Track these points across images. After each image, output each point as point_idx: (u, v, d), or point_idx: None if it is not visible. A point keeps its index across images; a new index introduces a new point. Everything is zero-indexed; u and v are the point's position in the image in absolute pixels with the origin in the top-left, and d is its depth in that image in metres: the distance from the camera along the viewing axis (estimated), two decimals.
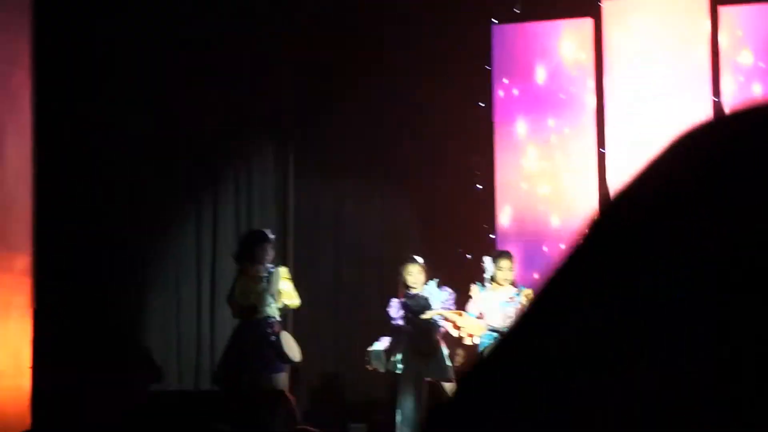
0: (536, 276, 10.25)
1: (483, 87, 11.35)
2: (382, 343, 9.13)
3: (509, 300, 9.05)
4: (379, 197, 11.26)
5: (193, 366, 10.02)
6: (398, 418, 9.01)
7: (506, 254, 9.32)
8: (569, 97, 11.22)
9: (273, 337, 8.62)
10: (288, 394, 7.86)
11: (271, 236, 8.91)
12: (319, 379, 10.66)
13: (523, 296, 9.04)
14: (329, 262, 11.01)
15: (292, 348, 8.63)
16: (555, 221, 11.10)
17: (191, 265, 10.29)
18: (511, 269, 9.12)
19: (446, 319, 9.04)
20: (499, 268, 9.15)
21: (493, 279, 9.14)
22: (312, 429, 5.19)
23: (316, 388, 10.57)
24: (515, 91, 11.39)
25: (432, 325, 9.08)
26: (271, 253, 8.84)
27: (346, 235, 11.06)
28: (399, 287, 9.20)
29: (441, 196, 11.10)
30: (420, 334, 9.04)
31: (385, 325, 9.20)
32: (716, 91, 10.88)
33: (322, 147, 11.14)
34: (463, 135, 11.24)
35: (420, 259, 9.18)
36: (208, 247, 10.40)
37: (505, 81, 11.37)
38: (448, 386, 9.03)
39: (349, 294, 10.93)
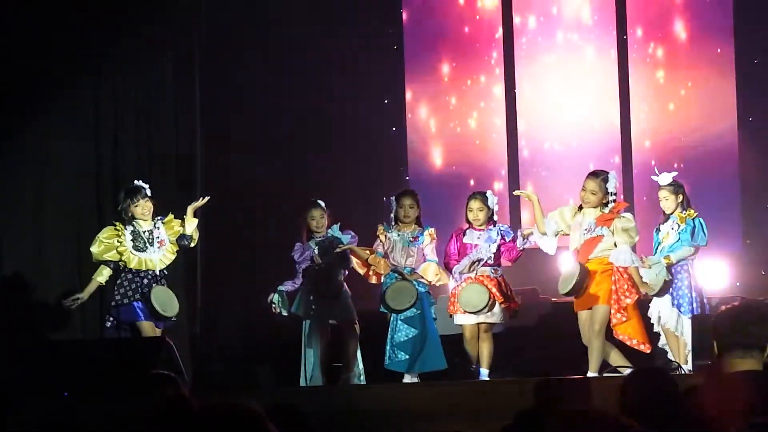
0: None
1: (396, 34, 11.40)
2: (287, 287, 9.09)
3: (412, 240, 9.02)
4: (292, 138, 11.14)
5: (97, 315, 9.91)
6: (304, 360, 8.97)
7: (408, 193, 9.28)
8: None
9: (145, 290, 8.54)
10: (168, 339, 7.81)
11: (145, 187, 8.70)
12: (228, 324, 10.56)
13: (427, 235, 9.01)
14: (240, 205, 10.90)
15: (164, 303, 8.51)
16: (474, 160, 11.37)
17: (93, 215, 10.11)
18: (412, 207, 9.04)
19: (354, 254, 8.98)
20: (400, 206, 9.05)
21: (396, 218, 9.06)
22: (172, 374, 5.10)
23: (225, 332, 10.49)
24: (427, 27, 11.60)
25: (336, 267, 9.01)
26: (147, 207, 8.66)
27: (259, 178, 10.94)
28: (302, 231, 9.11)
29: (358, 138, 11.06)
30: (324, 277, 8.99)
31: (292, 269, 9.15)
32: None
33: (231, 94, 10.98)
34: (376, 77, 11.28)
35: (322, 203, 9.11)
36: (109, 200, 10.23)
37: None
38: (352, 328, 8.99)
39: (261, 238, 10.83)
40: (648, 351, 8.41)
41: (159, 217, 8.75)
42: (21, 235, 10.08)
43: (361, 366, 9.09)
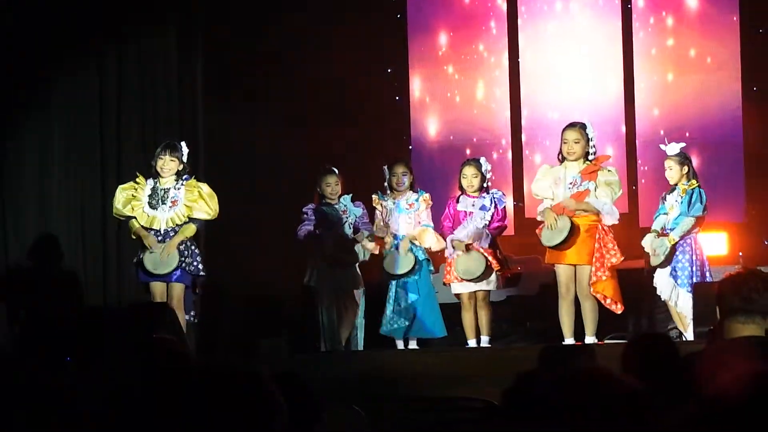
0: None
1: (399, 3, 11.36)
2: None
3: (408, 206, 9.07)
4: (295, 110, 11.08)
5: (100, 281, 9.94)
6: (322, 327, 9.01)
7: (400, 160, 9.37)
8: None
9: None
10: (170, 305, 7.80)
11: (180, 147, 8.64)
12: (236, 294, 10.54)
13: (422, 200, 9.07)
14: (243, 172, 10.87)
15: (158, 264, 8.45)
16: (473, 130, 11.34)
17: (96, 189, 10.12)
18: (405, 174, 9.10)
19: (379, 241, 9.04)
20: (393, 174, 9.13)
21: (390, 186, 9.05)
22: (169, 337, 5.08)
23: (232, 303, 10.47)
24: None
25: (348, 235, 9.06)
26: (168, 166, 8.57)
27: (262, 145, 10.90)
28: (315, 196, 9.11)
29: (361, 107, 11.02)
30: (332, 245, 8.98)
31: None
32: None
33: (233, 63, 10.93)
34: (380, 47, 11.23)
35: (336, 170, 9.11)
36: (113, 167, 10.21)
37: None
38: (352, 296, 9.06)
39: (265, 207, 10.79)
40: (620, 311, 8.45)
41: (185, 177, 8.66)
42: (26, 210, 10.09)
43: (361, 333, 9.13)
